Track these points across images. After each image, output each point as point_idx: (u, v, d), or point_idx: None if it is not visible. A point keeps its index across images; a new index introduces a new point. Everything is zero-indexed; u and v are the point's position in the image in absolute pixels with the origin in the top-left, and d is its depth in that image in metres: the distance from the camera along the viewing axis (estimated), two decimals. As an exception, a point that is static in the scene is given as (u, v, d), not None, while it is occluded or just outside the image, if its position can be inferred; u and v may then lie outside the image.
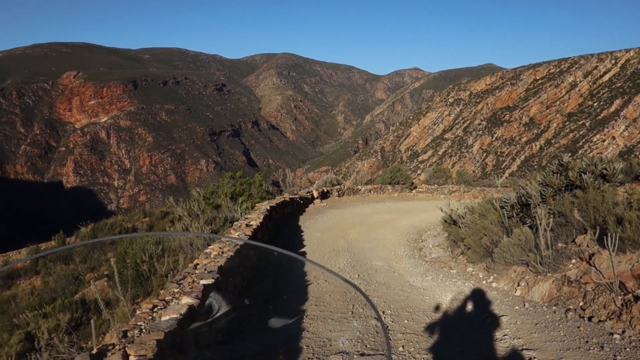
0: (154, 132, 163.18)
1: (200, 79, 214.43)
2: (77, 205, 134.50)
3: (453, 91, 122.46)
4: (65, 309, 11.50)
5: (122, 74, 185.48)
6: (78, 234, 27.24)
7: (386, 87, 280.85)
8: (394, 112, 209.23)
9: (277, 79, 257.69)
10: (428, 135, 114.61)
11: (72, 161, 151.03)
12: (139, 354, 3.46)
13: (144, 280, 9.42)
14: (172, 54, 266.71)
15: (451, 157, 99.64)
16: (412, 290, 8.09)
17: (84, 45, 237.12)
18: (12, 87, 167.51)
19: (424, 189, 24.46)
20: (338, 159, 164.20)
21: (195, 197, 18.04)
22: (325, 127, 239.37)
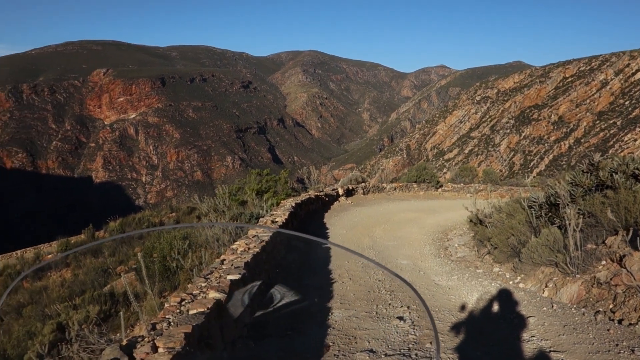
0: (181, 128, 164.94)
1: (226, 76, 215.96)
2: (106, 199, 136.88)
3: (480, 89, 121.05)
4: (95, 301, 11.75)
5: (151, 72, 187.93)
6: (107, 228, 27.74)
7: (412, 85, 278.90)
8: (420, 110, 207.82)
9: (303, 77, 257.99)
10: (454, 133, 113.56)
11: (101, 157, 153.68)
12: (167, 347, 3.52)
13: (171, 274, 9.56)
14: (199, 51, 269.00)
15: (477, 155, 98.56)
16: (437, 289, 8.05)
17: (114, 43, 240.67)
18: (44, 84, 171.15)
19: (449, 188, 24.26)
20: (363, 156, 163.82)
21: (220, 194, 18.18)
22: (350, 125, 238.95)
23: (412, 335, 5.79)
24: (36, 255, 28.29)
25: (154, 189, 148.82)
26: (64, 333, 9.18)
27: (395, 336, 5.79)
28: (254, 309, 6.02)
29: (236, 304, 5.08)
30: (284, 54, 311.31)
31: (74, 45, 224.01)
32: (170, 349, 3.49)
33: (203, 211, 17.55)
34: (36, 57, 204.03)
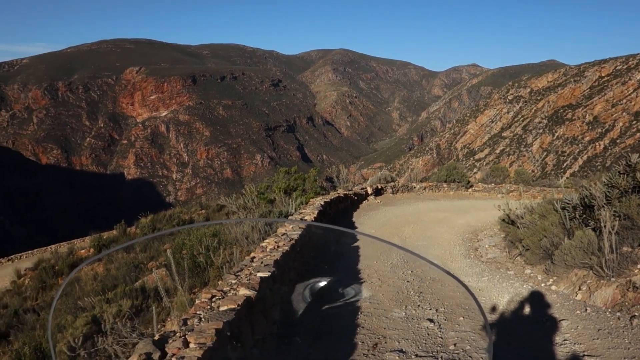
0: (211, 126, 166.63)
1: (257, 74, 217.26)
2: (137, 196, 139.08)
3: (513, 88, 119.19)
4: (126, 296, 11.93)
5: (182, 70, 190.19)
6: (138, 224, 28.15)
7: (443, 84, 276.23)
8: (451, 109, 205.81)
9: (333, 75, 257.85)
10: (485, 133, 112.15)
11: (133, 154, 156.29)
12: (198, 342, 3.56)
13: (201, 270, 9.66)
14: (230, 49, 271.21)
15: (509, 155, 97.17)
16: (467, 290, 7.95)
17: (147, 42, 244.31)
18: (79, 82, 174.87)
19: (480, 188, 23.96)
20: (392, 155, 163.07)
21: (249, 193, 18.30)
22: (380, 124, 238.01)
23: (439, 338, 5.74)
24: (70, 250, 28.88)
25: (184, 186, 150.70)
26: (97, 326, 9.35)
27: (426, 338, 5.75)
28: (284, 307, 6.04)
29: (266, 302, 5.11)
30: (314, 52, 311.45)
31: (108, 44, 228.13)
32: (201, 345, 3.53)
33: (232, 209, 17.71)
34: (71, 55, 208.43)
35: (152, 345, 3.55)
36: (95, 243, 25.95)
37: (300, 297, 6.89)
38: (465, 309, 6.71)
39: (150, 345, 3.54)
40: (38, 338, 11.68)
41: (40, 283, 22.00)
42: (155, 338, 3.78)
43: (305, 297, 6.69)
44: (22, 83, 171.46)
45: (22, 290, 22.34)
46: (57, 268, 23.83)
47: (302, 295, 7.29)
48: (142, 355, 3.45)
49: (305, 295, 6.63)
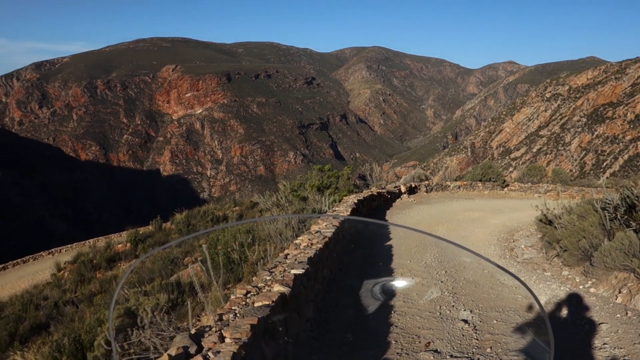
0: (245, 124, 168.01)
1: (290, 72, 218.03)
2: (173, 192, 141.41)
3: (550, 85, 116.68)
4: (163, 290, 12.14)
5: (217, 68, 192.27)
6: (173, 220, 28.62)
7: (478, 81, 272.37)
8: (486, 107, 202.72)
9: (367, 73, 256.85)
10: (522, 131, 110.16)
11: (168, 150, 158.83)
12: (234, 337, 3.60)
13: (235, 266, 9.76)
14: (264, 47, 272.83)
15: (546, 154, 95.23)
16: (502, 288, 7.83)
17: (183, 40, 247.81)
18: (117, 80, 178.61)
19: (516, 188, 23.56)
20: (426, 154, 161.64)
21: (282, 190, 18.37)
22: (413, 122, 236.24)
23: (475, 340, 5.67)
24: (107, 244, 29.51)
25: (218, 182, 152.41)
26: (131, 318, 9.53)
27: (461, 339, 5.69)
28: (317, 304, 6.06)
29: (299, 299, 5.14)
30: (347, 50, 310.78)
31: (145, 43, 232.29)
32: (236, 340, 3.57)
33: (266, 206, 17.83)
34: (110, 54, 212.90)
35: (189, 339, 3.61)
36: (131, 238, 26.46)
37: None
38: (499, 312, 6.60)
39: (187, 339, 3.60)
40: (77, 330, 11.98)
41: (79, 276, 22.57)
42: (192, 332, 3.84)
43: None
44: (63, 81, 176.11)
45: (61, 283, 22.96)
46: (95, 262, 24.40)
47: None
48: (180, 348, 3.51)
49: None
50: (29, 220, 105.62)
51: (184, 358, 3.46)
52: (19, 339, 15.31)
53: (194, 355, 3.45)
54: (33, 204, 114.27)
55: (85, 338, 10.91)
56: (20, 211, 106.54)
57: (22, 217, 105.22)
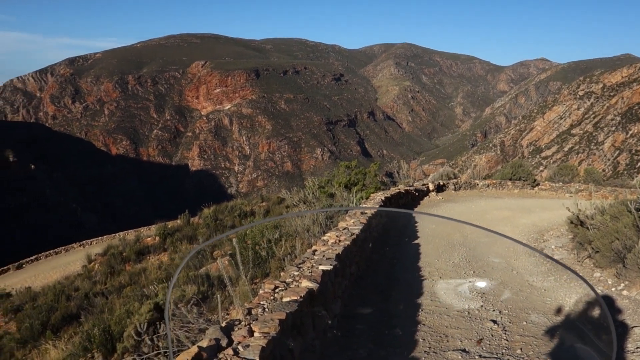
0: (273, 120, 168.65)
1: (319, 68, 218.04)
2: (201, 187, 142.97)
3: (584, 83, 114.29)
4: (190, 282, 12.29)
5: (246, 64, 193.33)
6: (201, 215, 28.92)
7: (509, 79, 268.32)
8: (517, 105, 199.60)
9: (395, 70, 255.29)
10: (553, 130, 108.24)
11: (197, 146, 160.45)
12: (262, 331, 3.64)
13: (262, 261, 9.82)
14: (292, 44, 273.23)
15: (578, 154, 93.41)
16: (531, 290, 7.73)
17: (212, 36, 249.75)
18: (147, 76, 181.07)
19: (547, 187, 23.19)
20: (454, 152, 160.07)
21: (310, 187, 18.41)
22: (442, 119, 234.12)
23: (504, 341, 5.60)
24: (136, 237, 29.98)
25: (245, 178, 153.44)
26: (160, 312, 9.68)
27: (490, 339, 5.63)
28: (345, 301, 6.07)
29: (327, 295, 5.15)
30: (376, 46, 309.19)
31: (175, 39, 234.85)
32: (265, 334, 3.60)
33: (293, 202, 17.90)
34: (141, 49, 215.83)
35: (220, 332, 3.66)
36: (160, 232, 26.82)
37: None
38: (529, 313, 6.52)
39: (218, 332, 3.65)
40: (107, 321, 12.21)
41: (109, 268, 22.98)
42: (223, 325, 3.89)
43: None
44: (95, 76, 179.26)
45: (92, 274, 23.43)
46: (124, 255, 24.80)
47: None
48: (212, 340, 3.56)
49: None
50: (61, 213, 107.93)
51: (216, 350, 3.51)
52: (51, 328, 15.68)
53: (225, 348, 3.50)
54: (65, 197, 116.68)
55: (114, 329, 11.13)
56: (52, 204, 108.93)
57: (55, 209, 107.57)
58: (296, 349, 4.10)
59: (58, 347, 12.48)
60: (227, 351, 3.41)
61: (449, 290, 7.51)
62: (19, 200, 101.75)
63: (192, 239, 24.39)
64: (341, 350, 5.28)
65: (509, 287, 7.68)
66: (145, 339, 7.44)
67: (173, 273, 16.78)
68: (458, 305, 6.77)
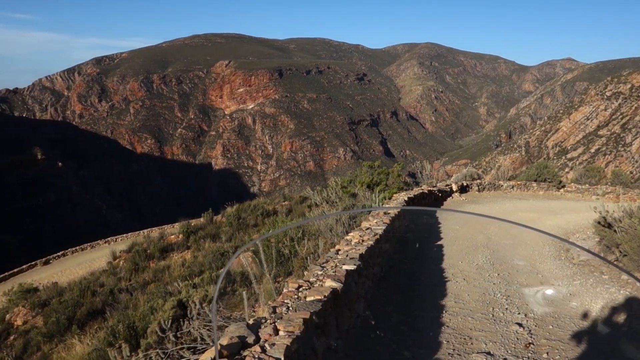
0: (295, 119, 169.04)
1: (342, 68, 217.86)
2: (224, 186, 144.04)
3: (611, 84, 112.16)
4: (212, 282, 12.39)
5: (269, 63, 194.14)
6: (224, 213, 29.10)
7: (535, 79, 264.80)
8: (542, 105, 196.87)
9: (419, 69, 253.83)
10: (579, 131, 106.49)
11: (220, 145, 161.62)
12: (287, 330, 3.66)
13: (285, 260, 9.86)
14: (316, 44, 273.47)
15: (605, 155, 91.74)
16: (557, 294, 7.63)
17: (236, 36, 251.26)
18: (172, 75, 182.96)
19: (573, 189, 22.82)
20: (478, 152, 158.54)
21: (333, 186, 18.41)
22: (466, 120, 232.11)
23: (530, 345, 5.54)
24: (160, 234, 30.30)
25: (267, 177, 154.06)
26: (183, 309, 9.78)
27: (515, 342, 5.57)
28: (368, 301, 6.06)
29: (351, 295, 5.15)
30: (399, 46, 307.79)
31: (200, 38, 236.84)
32: (289, 333, 3.62)
33: (315, 202, 17.92)
34: (166, 49, 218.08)
35: (247, 329, 3.68)
36: (184, 229, 27.07)
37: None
38: (555, 317, 6.43)
39: (243, 329, 3.67)
40: (131, 317, 12.38)
41: (133, 265, 23.28)
42: (250, 322, 3.91)
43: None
44: (121, 76, 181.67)
45: (117, 270, 23.76)
46: (148, 252, 25.10)
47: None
48: (234, 338, 3.58)
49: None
50: (87, 210, 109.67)
51: (239, 347, 3.53)
52: (77, 323, 15.96)
53: (252, 345, 3.52)
54: (91, 194, 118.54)
55: (139, 325, 11.27)
56: (79, 201, 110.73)
57: (81, 206, 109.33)
58: (319, 348, 4.10)
59: (83, 341, 12.69)
60: (255, 348, 3.44)
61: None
62: (46, 197, 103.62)
63: (215, 237, 24.56)
64: (364, 350, 5.28)
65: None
66: (169, 335, 7.54)
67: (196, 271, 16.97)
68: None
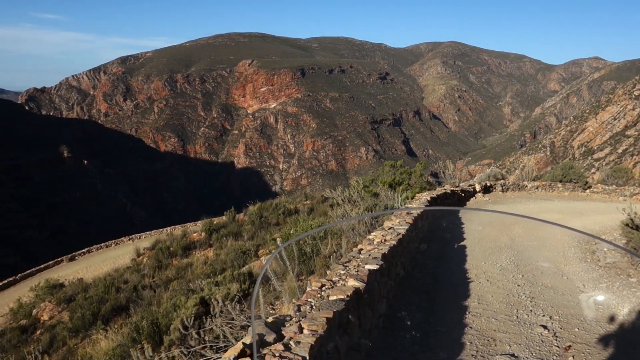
0: (318, 118, 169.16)
1: (364, 67, 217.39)
2: (246, 184, 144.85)
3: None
4: (234, 280, 12.48)
5: (292, 63, 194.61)
6: (246, 212, 29.25)
7: (560, 78, 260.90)
8: (568, 105, 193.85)
9: (442, 68, 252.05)
10: (606, 131, 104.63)
11: (243, 144, 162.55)
12: (311, 329, 3.67)
13: (307, 259, 9.88)
14: (338, 42, 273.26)
15: (633, 156, 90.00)
16: (582, 297, 7.50)
17: (259, 35, 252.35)
18: (195, 74, 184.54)
19: (599, 190, 22.43)
20: (502, 152, 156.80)
21: (354, 186, 18.37)
22: (489, 119, 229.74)
23: (555, 347, 5.46)
24: (183, 232, 30.57)
25: (289, 176, 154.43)
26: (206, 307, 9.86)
27: (540, 345, 5.50)
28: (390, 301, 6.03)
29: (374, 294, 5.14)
30: (422, 45, 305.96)
31: (223, 38, 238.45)
32: (313, 332, 3.63)
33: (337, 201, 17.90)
34: (190, 48, 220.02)
35: (266, 327, 3.69)
36: (206, 227, 27.26)
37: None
38: (581, 320, 6.33)
39: (262, 327, 3.69)
40: (154, 313, 12.52)
41: (156, 262, 23.54)
42: (269, 320, 3.92)
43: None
44: (146, 75, 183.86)
45: (140, 267, 24.06)
46: (171, 249, 25.35)
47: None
48: (256, 336, 3.59)
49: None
50: (111, 207, 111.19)
51: (259, 345, 3.54)
52: (102, 318, 16.20)
53: (272, 343, 3.53)
54: (115, 191, 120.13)
55: (162, 322, 11.40)
56: (104, 198, 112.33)
57: (106, 204, 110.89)
58: (342, 347, 4.10)
59: (108, 337, 12.87)
60: (276, 346, 3.45)
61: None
62: (72, 194, 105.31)
63: (237, 236, 24.69)
64: (386, 350, 5.26)
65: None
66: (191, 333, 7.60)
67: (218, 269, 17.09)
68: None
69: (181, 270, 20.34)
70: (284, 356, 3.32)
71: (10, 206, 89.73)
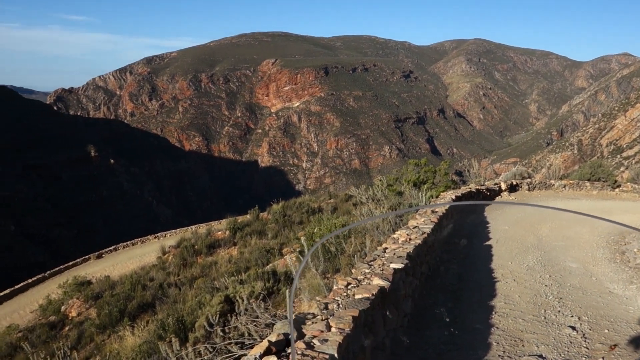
0: (341, 117, 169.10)
1: (388, 65, 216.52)
2: (269, 183, 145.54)
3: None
4: (258, 278, 12.55)
5: (315, 61, 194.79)
6: (270, 210, 29.38)
7: (588, 75, 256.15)
8: (596, 102, 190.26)
9: (467, 66, 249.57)
10: (636, 128, 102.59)
11: (266, 142, 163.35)
12: (338, 327, 3.68)
13: (332, 257, 9.89)
14: (362, 41, 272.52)
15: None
16: (612, 297, 7.36)
17: (283, 35, 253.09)
18: (219, 74, 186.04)
19: (629, 189, 21.99)
20: (528, 150, 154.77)
21: (378, 185, 18.30)
22: (515, 117, 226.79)
23: (584, 348, 5.37)
24: (208, 231, 30.80)
25: (313, 175, 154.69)
26: (230, 305, 9.92)
27: (569, 346, 5.41)
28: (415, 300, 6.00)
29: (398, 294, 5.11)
30: (447, 42, 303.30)
31: (247, 37, 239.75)
32: (340, 330, 3.63)
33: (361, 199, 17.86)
34: (214, 48, 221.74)
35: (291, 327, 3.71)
36: (230, 226, 27.44)
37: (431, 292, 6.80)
38: (611, 322, 6.20)
39: (287, 326, 3.71)
40: (180, 311, 12.66)
41: (181, 260, 23.79)
42: (292, 319, 3.94)
43: (436, 293, 6.59)
44: (171, 75, 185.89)
45: (166, 265, 24.33)
46: (196, 247, 25.59)
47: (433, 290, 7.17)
48: (280, 335, 3.61)
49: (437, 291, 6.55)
50: (137, 206, 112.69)
51: (285, 344, 3.56)
52: (128, 315, 16.44)
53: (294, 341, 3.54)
54: (141, 190, 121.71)
55: (187, 319, 11.53)
56: (130, 197, 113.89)
57: (132, 202, 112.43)
58: (368, 346, 4.09)
59: (135, 333, 13.05)
60: (298, 344, 3.45)
61: None
62: (99, 193, 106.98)
63: (261, 234, 24.81)
64: (412, 349, 5.23)
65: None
66: (216, 330, 7.65)
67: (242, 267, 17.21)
68: None
69: (206, 269, 20.51)
70: (306, 354, 3.32)
71: (39, 205, 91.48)
